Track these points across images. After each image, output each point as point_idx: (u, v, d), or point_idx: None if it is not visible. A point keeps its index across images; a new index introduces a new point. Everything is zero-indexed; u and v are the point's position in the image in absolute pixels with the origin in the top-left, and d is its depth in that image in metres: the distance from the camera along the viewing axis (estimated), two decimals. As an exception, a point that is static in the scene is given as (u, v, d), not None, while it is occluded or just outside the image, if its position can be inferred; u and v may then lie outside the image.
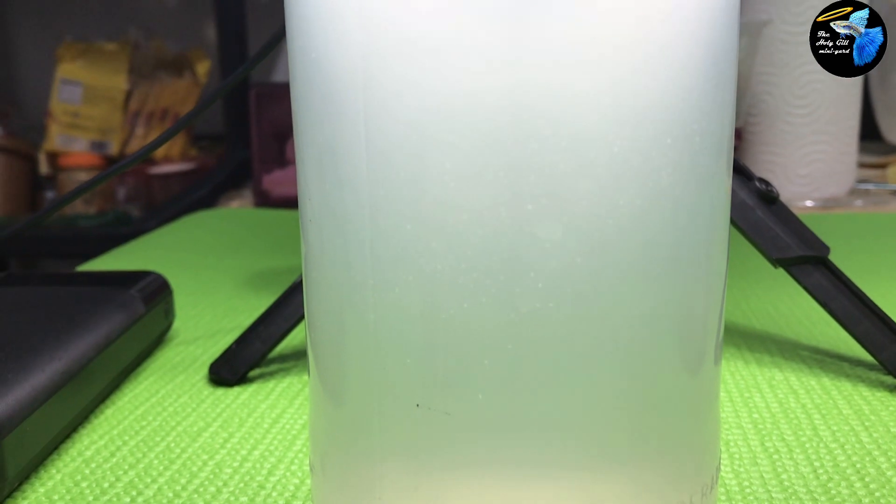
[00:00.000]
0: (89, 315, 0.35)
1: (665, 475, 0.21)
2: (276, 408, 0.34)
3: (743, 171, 0.36)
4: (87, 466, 0.29)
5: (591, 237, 0.18)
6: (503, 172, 0.18)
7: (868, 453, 0.29)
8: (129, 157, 0.39)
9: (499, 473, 0.20)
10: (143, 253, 0.65)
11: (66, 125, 1.19)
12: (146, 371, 0.38)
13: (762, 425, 0.31)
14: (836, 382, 0.35)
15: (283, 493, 0.27)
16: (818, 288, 0.35)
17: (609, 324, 0.19)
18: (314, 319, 0.22)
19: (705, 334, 0.21)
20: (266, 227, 0.73)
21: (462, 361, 0.19)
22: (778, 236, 0.35)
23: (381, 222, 0.19)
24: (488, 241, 0.18)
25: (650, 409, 0.20)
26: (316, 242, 0.21)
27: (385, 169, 0.19)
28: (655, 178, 0.19)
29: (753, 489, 0.27)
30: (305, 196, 0.21)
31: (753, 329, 0.42)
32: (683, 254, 0.20)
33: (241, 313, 0.47)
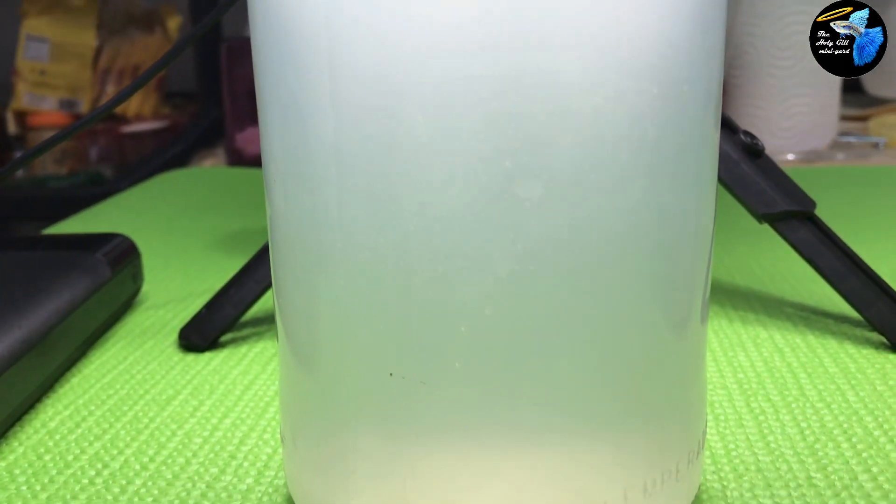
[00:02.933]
0: (52, 281, 0.34)
1: (650, 442, 0.20)
2: (248, 374, 0.33)
3: (728, 124, 0.35)
4: (51, 438, 0.28)
5: (573, 195, 0.17)
6: (480, 127, 0.17)
7: (855, 412, 0.28)
8: (95, 110, 0.37)
9: (477, 443, 0.19)
10: (112, 214, 0.63)
11: (33, 83, 1.16)
12: (114, 337, 0.37)
13: (747, 385, 0.31)
14: (822, 340, 0.34)
15: (255, 464, 0.26)
16: (804, 244, 0.34)
17: (592, 285, 0.18)
18: (281, 285, 0.21)
19: (692, 293, 0.20)
20: (239, 186, 0.71)
21: (437, 328, 0.18)
22: (764, 191, 0.34)
23: (349, 182, 0.18)
24: (464, 201, 0.17)
25: (635, 373, 0.19)
26: (281, 204, 0.20)
27: (353, 125, 0.18)
28: (641, 131, 0.18)
29: (739, 452, 0.26)
30: (269, 155, 0.20)
31: (737, 286, 0.41)
32: (670, 210, 0.19)
33: (212, 276, 0.45)
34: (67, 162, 1.11)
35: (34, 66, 1.15)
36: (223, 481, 0.25)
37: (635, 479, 0.20)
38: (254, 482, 0.25)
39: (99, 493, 0.25)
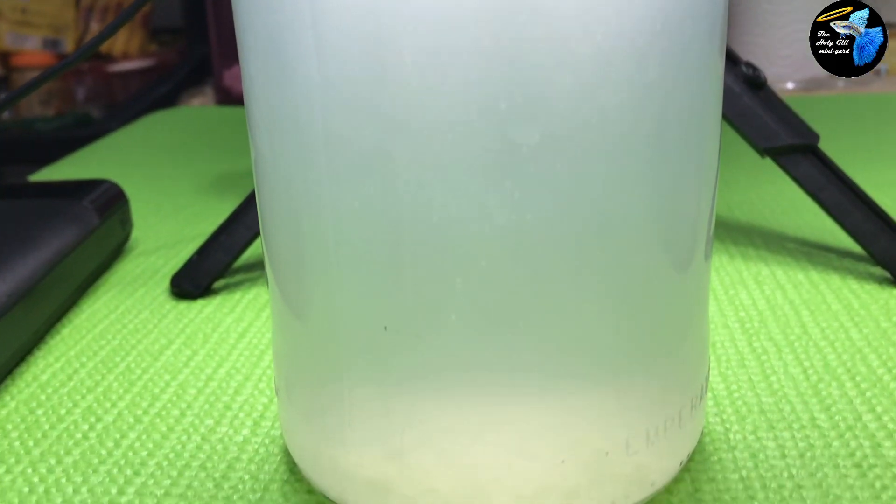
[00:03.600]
0: (38, 230, 0.33)
1: (652, 389, 0.20)
2: (242, 321, 0.32)
3: (729, 55, 0.34)
4: (43, 392, 0.28)
5: (573, 139, 0.16)
6: (473, 67, 0.16)
7: (858, 350, 0.28)
8: (80, 49, 0.36)
9: (475, 394, 0.18)
10: (100, 158, 0.62)
11: (15, 22, 1.13)
12: (104, 286, 0.36)
13: (749, 324, 0.30)
14: (825, 276, 0.34)
15: (251, 414, 0.26)
16: (807, 178, 0.33)
17: (592, 232, 0.17)
18: (270, 235, 0.20)
19: (696, 231, 0.20)
20: (228, 126, 0.70)
21: (432, 281, 0.17)
22: (766, 124, 0.33)
23: (335, 127, 0.17)
24: (458, 147, 0.16)
25: (637, 319, 0.19)
26: (266, 150, 0.19)
27: (337, 64, 0.17)
28: (643, 69, 0.17)
29: (742, 393, 0.26)
30: (252, 98, 0.19)
31: (737, 221, 0.40)
32: (673, 152, 0.18)
33: (203, 220, 0.44)
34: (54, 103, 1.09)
35: (15, 5, 1.12)
36: (219, 433, 0.25)
37: (637, 426, 0.19)
38: (250, 433, 0.25)
39: (93, 447, 0.25)
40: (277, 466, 0.23)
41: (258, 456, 0.24)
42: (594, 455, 0.19)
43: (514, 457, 0.19)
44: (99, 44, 0.36)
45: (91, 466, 0.24)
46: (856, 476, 0.22)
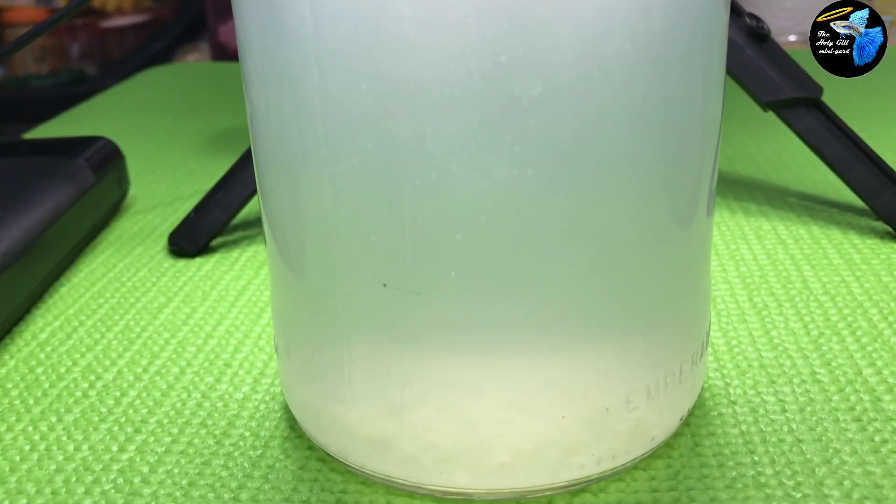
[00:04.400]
0: (33, 189, 0.33)
1: (653, 345, 0.20)
2: (241, 279, 0.32)
3: (732, 7, 0.33)
4: (42, 350, 0.28)
5: (575, 92, 0.16)
6: (472, 17, 0.16)
7: (859, 305, 0.28)
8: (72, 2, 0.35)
9: (476, 351, 0.18)
10: (95, 115, 0.61)
11: (6, -22, 1.11)
12: (102, 244, 0.36)
13: (750, 279, 0.30)
14: (826, 231, 0.33)
15: (251, 371, 0.26)
16: (811, 132, 0.33)
17: (595, 187, 0.17)
18: (267, 193, 0.20)
19: (698, 188, 0.19)
20: (224, 82, 0.69)
21: (432, 237, 0.17)
22: (769, 77, 0.33)
23: (331, 82, 0.17)
24: (456, 101, 0.16)
25: (639, 274, 0.19)
26: (261, 106, 0.19)
27: (333, 17, 0.16)
28: (647, 20, 0.16)
29: (742, 348, 0.26)
30: (246, 53, 0.19)
31: (738, 176, 0.40)
32: (676, 106, 0.18)
33: (200, 177, 0.44)
34: (48, 60, 1.08)
35: (6, -40, 1.11)
36: (219, 390, 0.25)
37: (638, 382, 0.19)
38: (250, 390, 0.25)
39: (93, 405, 0.25)
40: (278, 423, 0.23)
41: (258, 413, 0.24)
42: (595, 411, 0.19)
43: (514, 412, 0.19)
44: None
45: (92, 424, 0.24)
46: (855, 430, 0.22)
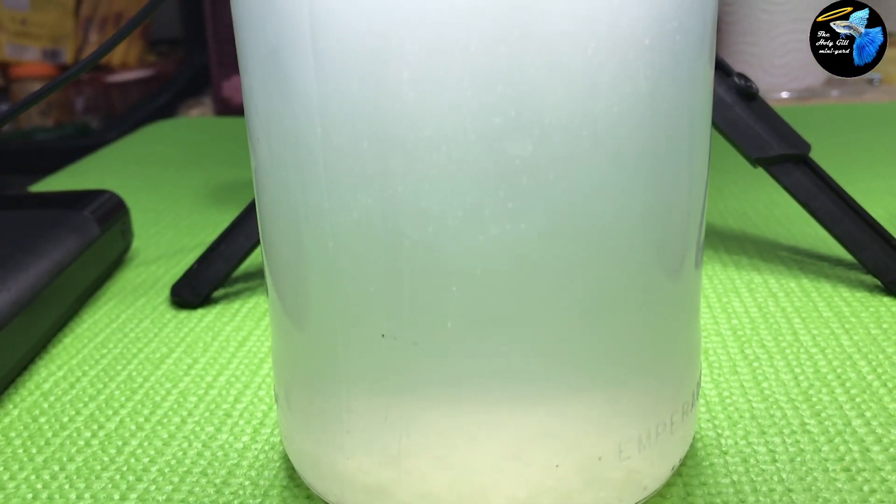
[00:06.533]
0: (40, 240, 0.33)
1: (644, 395, 0.20)
2: (241, 330, 0.33)
3: (721, 66, 0.34)
4: (46, 400, 0.28)
5: (565, 150, 0.17)
6: (468, 81, 0.16)
7: (849, 357, 0.28)
8: (80, 62, 0.36)
9: (471, 400, 0.19)
10: (100, 168, 0.62)
11: (14, 34, 1.13)
12: (105, 295, 0.37)
13: (741, 331, 0.31)
14: (816, 284, 0.34)
15: (251, 422, 0.26)
16: (799, 187, 0.34)
17: (584, 242, 0.18)
18: (270, 245, 0.21)
19: (686, 241, 0.20)
20: (227, 136, 0.70)
21: (428, 289, 0.18)
22: (758, 135, 0.34)
23: (334, 140, 0.17)
24: (453, 159, 0.17)
25: (629, 326, 0.19)
26: (266, 161, 0.19)
27: (336, 80, 0.17)
28: (633, 82, 0.17)
29: (734, 399, 0.26)
30: (252, 111, 0.20)
31: (730, 230, 0.41)
32: (663, 163, 0.18)
33: (203, 230, 0.45)
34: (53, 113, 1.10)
35: (15, 16, 1.13)
36: (219, 440, 0.25)
37: (630, 431, 0.20)
38: (250, 440, 0.25)
39: (95, 454, 0.25)
40: (277, 472, 0.24)
41: (258, 462, 0.24)
42: (587, 459, 0.19)
43: (509, 461, 0.19)
44: (102, 55, 0.36)
45: (94, 473, 0.24)
46: (844, 480, 0.22)
